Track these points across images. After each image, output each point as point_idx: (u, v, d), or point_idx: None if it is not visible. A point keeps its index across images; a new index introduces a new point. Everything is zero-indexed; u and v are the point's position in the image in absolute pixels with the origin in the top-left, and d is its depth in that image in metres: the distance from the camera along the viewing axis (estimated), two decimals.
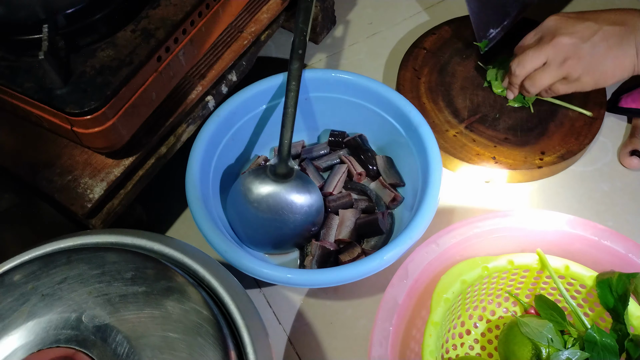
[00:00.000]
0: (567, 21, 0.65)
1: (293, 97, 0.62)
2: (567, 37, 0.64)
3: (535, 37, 0.68)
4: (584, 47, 0.63)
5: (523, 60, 0.67)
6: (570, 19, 0.65)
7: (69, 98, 0.51)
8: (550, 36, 0.65)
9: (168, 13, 0.57)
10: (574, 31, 0.64)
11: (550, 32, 0.66)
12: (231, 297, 0.44)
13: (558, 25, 0.65)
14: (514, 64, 0.68)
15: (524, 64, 0.67)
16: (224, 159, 0.67)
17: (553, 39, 0.64)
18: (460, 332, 0.58)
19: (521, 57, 0.67)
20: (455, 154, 0.70)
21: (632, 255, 0.53)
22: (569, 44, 0.64)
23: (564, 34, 0.64)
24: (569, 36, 0.64)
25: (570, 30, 0.64)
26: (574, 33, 0.64)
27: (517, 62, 0.68)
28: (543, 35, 0.67)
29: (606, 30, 0.63)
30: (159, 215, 0.71)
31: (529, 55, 0.66)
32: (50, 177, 0.57)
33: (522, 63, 0.67)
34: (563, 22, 0.65)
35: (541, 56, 0.66)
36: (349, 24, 0.89)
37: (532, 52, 0.66)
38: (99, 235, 0.47)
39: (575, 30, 0.64)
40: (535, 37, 0.68)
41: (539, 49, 0.66)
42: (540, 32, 0.68)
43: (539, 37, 0.68)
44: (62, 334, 0.39)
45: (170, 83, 0.59)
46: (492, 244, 0.56)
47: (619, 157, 0.72)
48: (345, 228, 0.64)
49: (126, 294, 0.41)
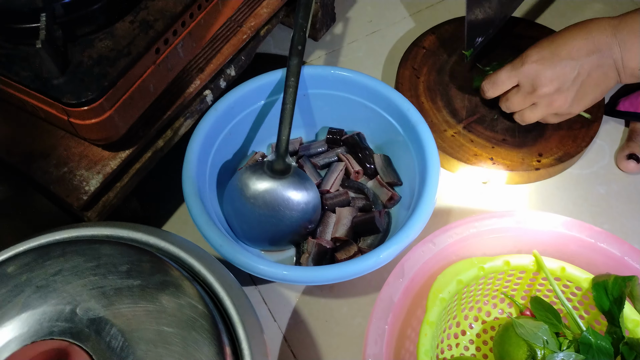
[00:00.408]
0: (543, 65, 0.62)
1: (292, 94, 0.62)
2: (549, 86, 0.62)
3: (510, 81, 0.66)
4: (568, 88, 0.62)
5: (510, 105, 0.67)
6: (546, 62, 0.62)
7: (65, 88, 0.50)
8: (531, 86, 0.64)
9: (167, 5, 0.56)
10: (554, 77, 0.62)
11: (530, 81, 0.63)
12: (227, 292, 0.43)
13: (536, 73, 0.62)
14: (502, 105, 0.69)
15: (510, 108, 0.68)
16: (221, 154, 0.66)
17: (535, 90, 0.63)
18: (455, 333, 0.58)
19: (507, 104, 0.67)
20: (453, 154, 0.70)
21: (628, 258, 0.53)
22: (552, 91, 0.63)
23: (544, 84, 0.62)
24: (551, 84, 0.62)
25: (549, 77, 0.62)
26: (554, 79, 0.62)
27: (504, 105, 0.68)
28: (520, 82, 0.65)
29: (584, 64, 0.61)
30: (156, 208, 0.71)
31: (514, 102, 0.66)
32: (45, 168, 0.56)
33: (509, 107, 0.68)
34: (540, 69, 0.62)
35: (527, 102, 0.66)
36: (348, 21, 0.89)
37: (517, 100, 0.66)
38: (94, 228, 0.46)
39: (555, 76, 0.62)
40: (510, 80, 0.66)
41: (523, 98, 0.65)
42: (517, 78, 0.65)
43: (514, 82, 0.65)
44: (56, 326, 0.38)
45: (168, 76, 0.58)
46: (489, 244, 0.55)
47: (616, 160, 0.72)
48: (342, 226, 0.64)
49: (121, 287, 0.41)
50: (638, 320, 0.50)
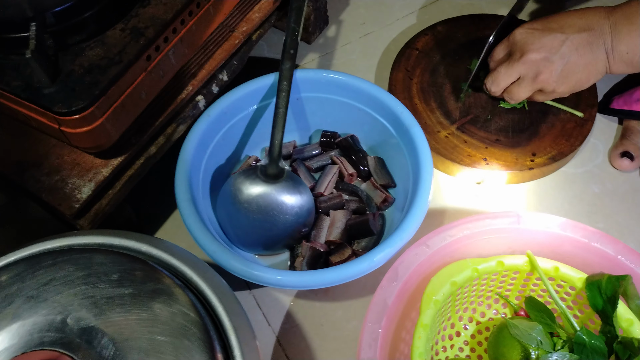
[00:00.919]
0: (533, 34, 0.64)
1: (284, 97, 0.62)
2: (536, 53, 0.63)
3: (505, 52, 0.68)
4: (554, 60, 0.63)
5: (496, 79, 0.67)
6: (536, 31, 0.64)
7: (56, 97, 0.50)
8: (519, 52, 0.65)
9: (158, 12, 0.56)
10: (541, 45, 0.63)
11: (519, 47, 0.65)
12: (219, 299, 0.43)
13: (525, 40, 0.64)
14: (489, 82, 0.69)
15: (497, 82, 0.68)
16: (215, 159, 0.66)
17: (522, 55, 0.64)
18: (450, 334, 0.58)
19: (494, 76, 0.68)
20: (447, 155, 0.70)
21: (622, 258, 0.53)
22: (539, 59, 0.63)
23: (532, 49, 0.63)
24: (537, 51, 0.63)
25: (537, 44, 0.63)
26: (542, 47, 0.63)
27: (490, 80, 0.68)
28: (511, 50, 0.66)
29: (574, 39, 0.62)
30: (149, 215, 0.71)
31: (501, 74, 0.67)
32: (38, 176, 0.56)
33: (495, 81, 0.68)
34: (529, 36, 0.64)
35: (513, 73, 0.66)
36: (341, 24, 0.89)
37: (504, 70, 0.66)
38: (86, 236, 0.46)
39: (542, 44, 0.63)
40: (504, 51, 0.68)
41: (510, 67, 0.66)
42: (509, 47, 0.67)
43: (507, 52, 0.67)
44: (46, 337, 0.38)
45: (160, 82, 0.58)
46: (483, 245, 0.56)
47: (610, 158, 0.72)
48: (336, 229, 0.64)
49: (112, 296, 0.41)
50: (632, 319, 0.50)
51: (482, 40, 0.80)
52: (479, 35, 0.82)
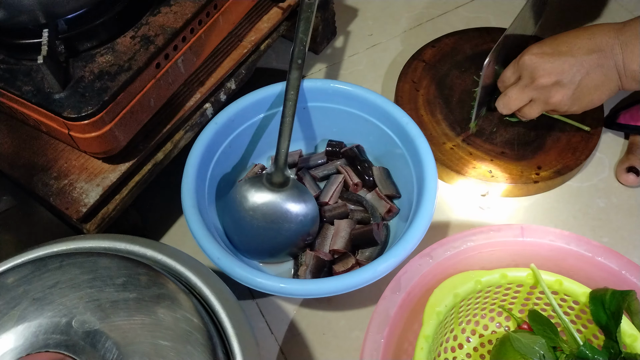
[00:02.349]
0: (542, 58, 0.63)
1: (291, 107, 0.62)
2: (547, 78, 0.63)
3: (514, 75, 0.68)
4: (565, 84, 0.63)
5: (508, 103, 0.68)
6: (545, 55, 0.63)
7: (66, 102, 0.51)
8: (529, 78, 0.64)
9: (168, 20, 0.57)
10: (551, 70, 0.62)
11: (528, 72, 0.65)
12: (222, 305, 0.44)
13: (535, 64, 0.64)
14: (500, 105, 0.69)
15: (509, 106, 0.68)
16: (221, 167, 0.67)
17: (533, 81, 0.64)
18: (452, 346, 0.58)
19: (505, 100, 0.68)
20: (452, 166, 0.71)
21: (626, 273, 0.53)
22: (550, 84, 0.63)
23: (542, 75, 0.63)
24: (548, 76, 0.63)
25: (547, 69, 0.63)
26: (552, 72, 0.62)
27: (502, 104, 0.68)
28: (522, 75, 0.66)
29: (584, 62, 0.62)
30: (155, 221, 0.71)
31: (512, 99, 0.67)
32: (46, 180, 0.57)
33: (507, 105, 0.68)
34: (539, 61, 0.63)
35: (524, 97, 0.66)
36: (349, 34, 0.90)
37: (515, 95, 0.66)
38: (92, 240, 0.47)
39: (552, 69, 0.62)
40: (514, 75, 0.68)
41: (521, 91, 0.66)
42: (518, 71, 0.67)
43: (517, 76, 0.67)
44: (51, 339, 0.39)
45: (168, 90, 0.59)
46: (486, 258, 0.55)
47: (616, 173, 0.72)
48: (340, 238, 0.64)
49: (117, 299, 0.41)
50: (636, 335, 0.49)
51: (488, 53, 0.81)
52: (486, 47, 0.82)
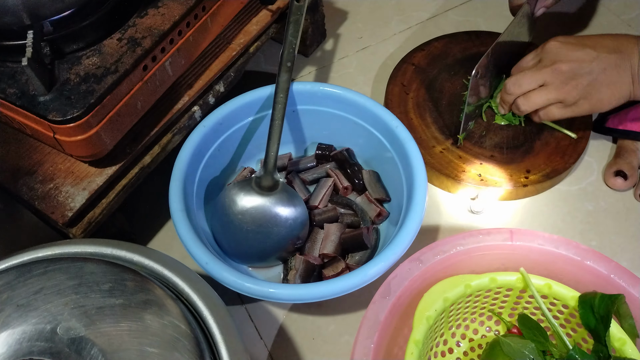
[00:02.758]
0: (567, 46, 0.65)
1: (280, 110, 0.62)
2: (566, 64, 0.64)
3: (534, 60, 0.69)
4: (582, 74, 0.64)
5: (520, 80, 0.68)
6: (570, 44, 0.66)
7: (51, 105, 0.50)
8: (550, 61, 0.66)
9: (155, 22, 0.56)
10: (573, 58, 0.64)
11: (550, 56, 0.66)
12: (210, 311, 0.43)
13: (558, 50, 0.66)
14: (510, 82, 0.69)
15: (520, 83, 0.68)
16: (210, 170, 0.66)
17: (553, 64, 0.65)
18: (442, 351, 0.58)
19: (519, 77, 0.68)
20: (442, 170, 0.70)
21: (615, 277, 0.53)
22: (567, 70, 0.64)
23: (563, 60, 0.65)
24: (568, 63, 0.64)
25: (570, 56, 0.65)
26: (572, 60, 0.64)
27: (514, 80, 0.69)
28: (542, 58, 0.67)
29: (604, 58, 0.64)
30: (143, 225, 0.70)
31: (527, 76, 0.67)
32: (31, 184, 0.56)
33: (519, 82, 0.68)
34: (563, 48, 0.66)
35: (539, 79, 0.66)
36: (339, 37, 0.90)
37: (530, 74, 0.67)
38: (78, 245, 0.46)
39: (574, 57, 0.64)
40: (534, 60, 0.69)
41: (537, 71, 0.67)
42: (540, 55, 0.68)
43: (537, 60, 0.68)
44: (35, 346, 0.38)
45: (156, 92, 0.59)
46: (476, 262, 0.55)
47: (604, 177, 0.73)
48: (330, 242, 0.64)
49: (103, 306, 0.40)
50: (624, 339, 0.49)
51: (478, 56, 0.81)
52: (475, 51, 0.82)
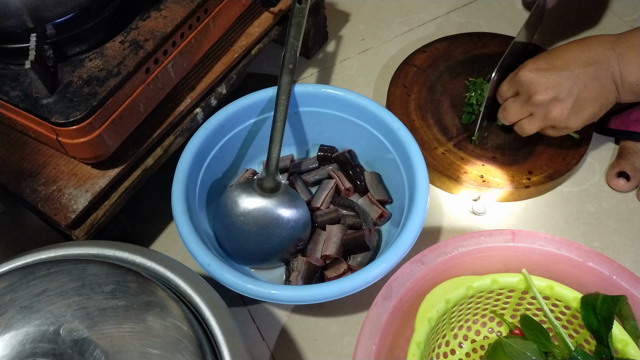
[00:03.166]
0: (538, 74, 0.63)
1: (282, 112, 0.62)
2: (544, 94, 0.62)
3: (510, 90, 0.68)
4: (563, 99, 0.62)
5: (507, 116, 0.68)
6: (541, 71, 0.63)
7: (54, 108, 0.50)
8: (527, 94, 0.64)
9: (158, 25, 0.57)
10: (548, 85, 0.62)
11: (525, 88, 0.64)
12: (212, 312, 0.43)
13: (531, 80, 0.63)
14: (500, 117, 0.69)
15: (508, 119, 0.68)
16: (212, 172, 0.66)
17: (530, 97, 0.64)
18: (445, 352, 0.58)
19: (504, 113, 0.68)
20: (443, 171, 0.70)
21: (617, 278, 0.53)
22: (548, 100, 0.63)
23: (539, 91, 0.63)
24: (545, 92, 0.62)
25: (544, 85, 0.62)
26: (548, 87, 0.62)
27: (502, 116, 0.69)
28: (519, 91, 0.66)
29: (581, 75, 0.62)
30: (145, 227, 0.71)
31: (511, 112, 0.67)
32: (34, 186, 0.56)
33: (506, 118, 0.68)
34: (535, 77, 0.63)
35: (523, 112, 0.66)
36: (341, 39, 0.90)
37: (514, 110, 0.67)
38: (80, 247, 0.46)
39: (549, 84, 0.62)
40: (510, 90, 0.68)
41: (519, 106, 0.66)
42: (515, 87, 0.66)
43: (514, 91, 0.67)
44: (38, 348, 0.38)
45: (158, 95, 0.59)
46: (478, 263, 0.55)
47: (606, 178, 0.73)
48: (332, 244, 0.64)
49: (105, 307, 0.40)
50: (627, 341, 0.49)
51: (479, 58, 0.81)
52: (477, 53, 0.82)
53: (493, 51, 0.82)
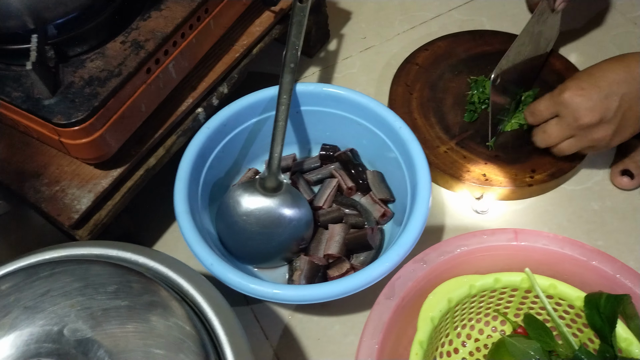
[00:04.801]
0: (583, 97, 0.62)
1: (284, 111, 0.62)
2: (590, 116, 0.61)
3: (548, 110, 0.66)
4: (609, 120, 0.61)
5: (546, 139, 0.66)
6: (586, 93, 0.62)
7: (56, 108, 0.50)
8: (572, 117, 0.63)
9: (159, 25, 0.57)
10: (595, 108, 0.61)
11: (570, 111, 0.63)
12: (215, 312, 0.43)
13: (577, 103, 0.62)
14: (538, 139, 0.68)
15: (547, 142, 0.67)
16: (214, 171, 0.66)
17: (576, 120, 0.62)
18: (448, 351, 0.58)
19: (544, 137, 0.66)
20: (446, 170, 0.70)
21: (620, 277, 0.53)
22: (594, 123, 0.62)
23: (585, 114, 0.61)
24: (592, 115, 0.61)
25: (591, 108, 0.61)
26: (595, 111, 0.61)
27: (540, 139, 0.67)
28: (560, 112, 0.64)
29: (625, 97, 0.61)
30: (148, 227, 0.71)
31: (552, 136, 0.66)
32: (37, 186, 0.56)
33: (546, 141, 0.67)
34: (581, 100, 0.62)
35: (565, 135, 0.65)
36: (342, 38, 0.90)
37: (555, 132, 0.65)
38: (83, 247, 0.46)
39: (596, 108, 0.61)
40: (548, 110, 0.66)
41: (562, 130, 0.64)
42: (555, 107, 0.65)
43: (552, 111, 0.65)
44: (43, 348, 0.38)
45: (159, 95, 0.59)
46: (480, 262, 0.55)
47: (610, 176, 0.72)
48: (335, 243, 0.64)
49: (109, 307, 0.41)
50: (631, 340, 0.49)
51: (482, 56, 0.81)
52: (479, 51, 0.82)
53: (495, 49, 0.82)
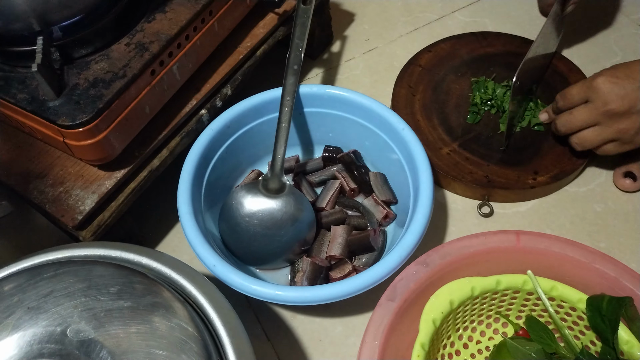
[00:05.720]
0: (617, 84, 0.62)
1: (287, 112, 0.62)
2: (619, 103, 0.61)
3: (579, 95, 0.65)
4: (638, 112, 0.61)
5: (571, 123, 0.66)
6: (619, 80, 0.62)
7: (61, 110, 0.51)
8: (601, 101, 0.63)
9: (163, 27, 0.57)
10: (625, 96, 0.61)
11: (601, 96, 0.63)
12: (217, 313, 0.44)
13: (609, 89, 0.62)
14: (560, 124, 0.67)
15: (571, 127, 0.66)
16: (218, 173, 0.67)
17: (605, 105, 0.62)
18: (450, 353, 0.58)
19: (570, 118, 0.66)
20: (449, 172, 0.70)
21: (623, 279, 0.53)
22: (622, 111, 0.62)
23: (615, 100, 0.62)
24: (622, 102, 0.61)
25: (622, 95, 0.61)
26: (625, 97, 0.61)
27: (563, 122, 0.67)
28: (591, 97, 0.64)
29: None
30: (151, 228, 0.71)
31: (578, 119, 0.65)
32: (41, 187, 0.57)
33: (568, 124, 0.66)
34: (613, 86, 0.62)
35: (591, 120, 0.64)
36: (346, 39, 0.90)
37: (581, 115, 0.65)
38: (87, 248, 0.47)
39: (627, 96, 0.61)
40: (579, 95, 0.65)
41: (589, 113, 0.64)
42: (587, 92, 0.65)
43: (583, 97, 0.65)
44: (45, 348, 0.39)
45: (164, 96, 0.59)
46: (482, 264, 0.55)
47: (613, 178, 0.72)
48: (337, 244, 0.64)
49: (112, 308, 0.41)
50: (633, 342, 0.49)
51: (485, 57, 0.81)
52: (482, 52, 0.82)
53: (499, 50, 0.82)
